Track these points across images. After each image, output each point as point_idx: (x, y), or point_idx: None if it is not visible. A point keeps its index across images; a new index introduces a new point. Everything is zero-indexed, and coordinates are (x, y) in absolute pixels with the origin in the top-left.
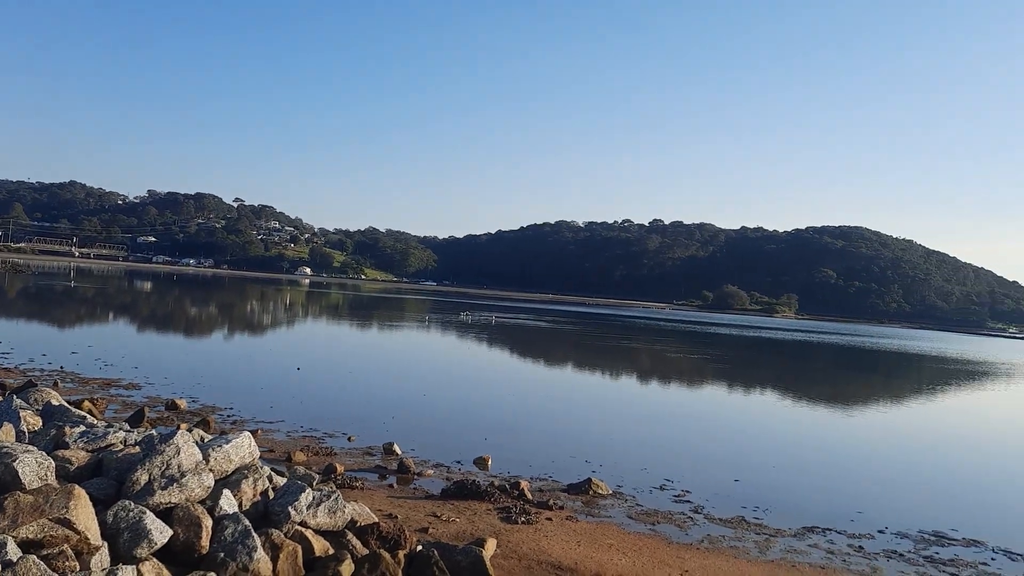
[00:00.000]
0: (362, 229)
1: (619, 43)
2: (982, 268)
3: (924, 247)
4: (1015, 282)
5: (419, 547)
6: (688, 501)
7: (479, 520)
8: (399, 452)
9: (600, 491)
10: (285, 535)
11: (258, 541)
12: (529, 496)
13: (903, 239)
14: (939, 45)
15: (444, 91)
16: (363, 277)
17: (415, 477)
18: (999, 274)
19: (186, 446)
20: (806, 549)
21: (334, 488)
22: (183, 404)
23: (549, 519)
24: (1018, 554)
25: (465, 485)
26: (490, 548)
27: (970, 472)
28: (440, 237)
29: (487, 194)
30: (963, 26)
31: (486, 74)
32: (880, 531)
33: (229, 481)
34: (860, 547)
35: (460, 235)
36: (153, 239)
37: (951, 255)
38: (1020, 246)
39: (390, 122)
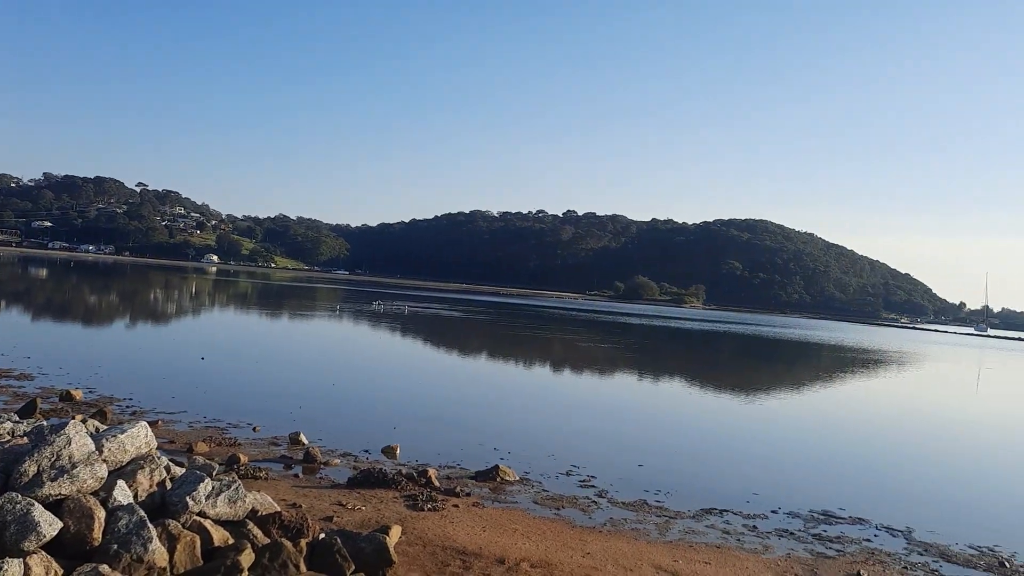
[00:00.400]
0: (272, 216)
1: (534, 33)
2: (877, 261)
3: (824, 240)
4: (907, 274)
5: (322, 535)
6: (593, 486)
7: (385, 508)
8: (305, 442)
9: (507, 478)
10: (183, 525)
11: (154, 532)
12: (436, 484)
13: (805, 232)
14: (837, 47)
15: (355, 78)
16: (273, 265)
17: (321, 467)
18: (893, 267)
19: (78, 436)
20: (704, 530)
21: (235, 478)
22: (79, 395)
23: (456, 506)
24: (898, 530)
25: (372, 474)
26: (395, 535)
27: (859, 454)
28: (353, 225)
29: (401, 182)
30: (860, 26)
31: (397, 62)
32: (773, 511)
33: (124, 472)
34: (754, 527)
35: (373, 223)
36: (49, 224)
37: (849, 248)
38: (912, 240)
39: (301, 108)
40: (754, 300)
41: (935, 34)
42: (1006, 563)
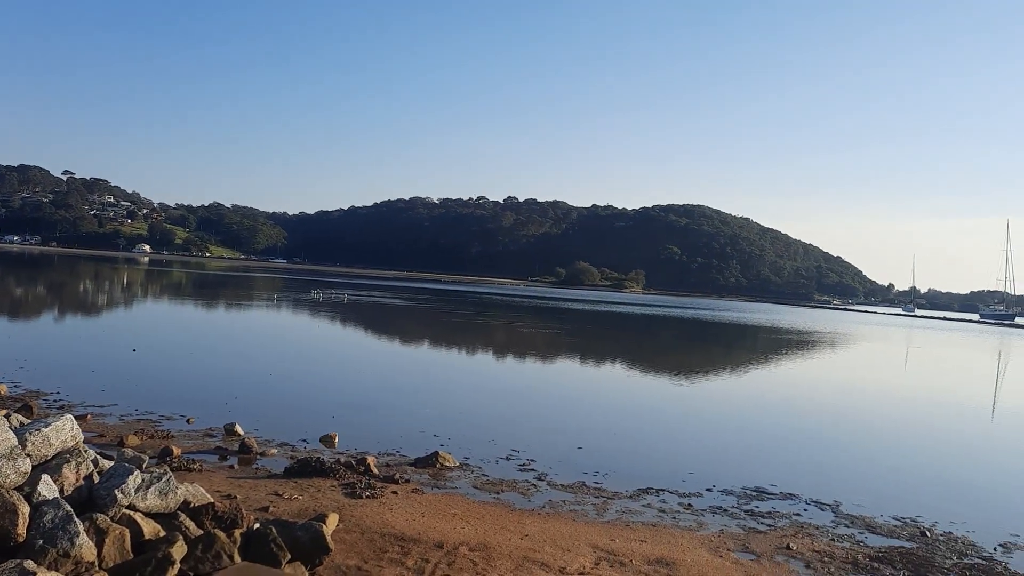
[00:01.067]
0: (206, 204)
1: (473, 18)
2: (811, 244)
3: (760, 225)
4: (839, 257)
5: (257, 525)
6: (533, 469)
7: (323, 497)
8: (241, 432)
9: (447, 463)
10: (112, 519)
11: (81, 526)
12: (375, 471)
13: (741, 217)
14: (770, 33)
15: (290, 63)
16: (208, 255)
17: (258, 457)
18: (825, 250)
19: None
20: (640, 509)
21: (166, 470)
22: (3, 389)
23: (395, 493)
24: (827, 504)
25: (309, 463)
26: (332, 523)
27: (791, 432)
28: (291, 213)
29: (340, 169)
30: (791, 8)
31: (333, 47)
32: (708, 489)
33: (49, 466)
34: (689, 505)
35: (311, 211)
36: None
37: (783, 232)
38: (843, 224)
39: (233, 94)
40: (693, 284)
41: (860, 19)
42: (927, 532)
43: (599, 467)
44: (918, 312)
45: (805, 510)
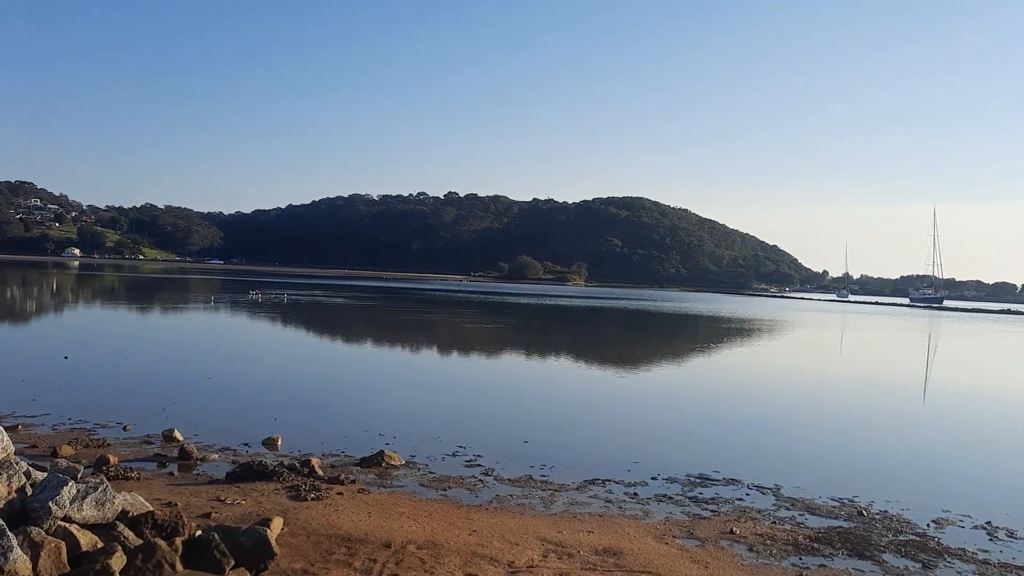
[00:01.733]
0: (138, 206)
1: (409, 13)
2: (747, 234)
3: (698, 216)
4: (775, 246)
5: (199, 532)
6: (479, 465)
7: (266, 501)
8: (180, 438)
9: (393, 462)
10: (47, 532)
11: (14, 541)
12: (320, 473)
13: (680, 208)
14: (704, 29)
15: (223, 61)
16: (141, 257)
17: (198, 463)
18: (762, 239)
19: None
20: (587, 500)
21: (103, 480)
22: None
23: (340, 494)
24: (768, 488)
25: (252, 467)
26: (276, 527)
27: (733, 418)
28: (226, 213)
29: (277, 167)
30: (735, 5)
31: (268, 45)
32: (653, 478)
33: None
34: (635, 494)
35: (248, 210)
36: None
37: (721, 222)
38: (778, 213)
39: (165, 93)
40: (634, 275)
41: (793, 8)
42: (864, 512)
43: (546, 460)
44: (852, 298)
45: (747, 495)
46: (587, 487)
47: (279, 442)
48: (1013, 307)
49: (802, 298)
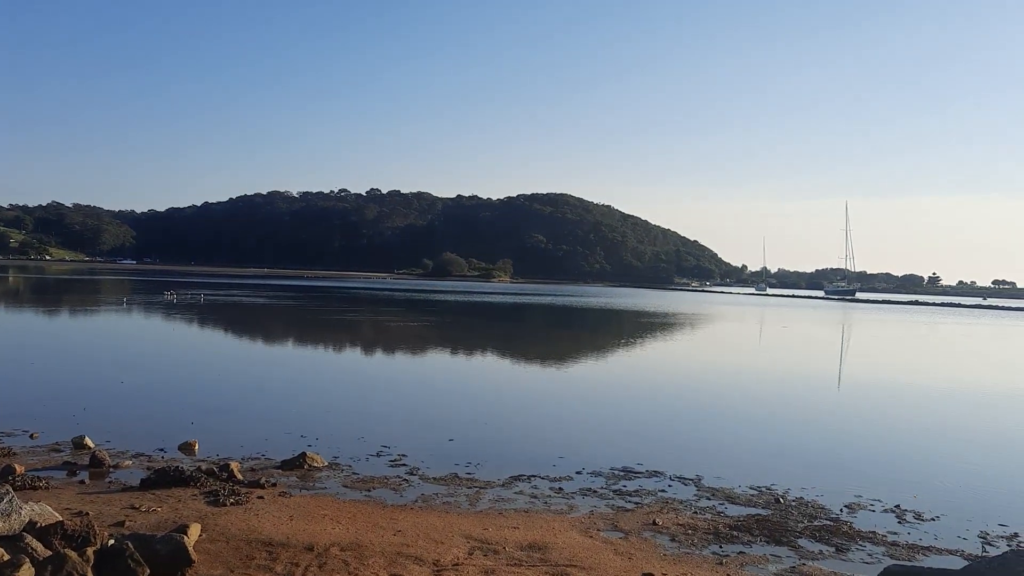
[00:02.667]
0: (44, 204)
1: (332, 9)
2: (669, 230)
3: (621, 212)
4: (695, 241)
5: (111, 541)
6: (404, 464)
7: (183, 507)
8: (92, 445)
9: (315, 464)
10: None
11: None
12: (239, 477)
13: (603, 205)
14: (629, 27)
15: (127, 51)
16: (48, 258)
17: (111, 470)
18: (683, 235)
19: None
20: (512, 497)
21: (8, 490)
22: None
23: (261, 497)
24: (689, 479)
25: (168, 473)
26: (194, 533)
27: (655, 411)
28: (139, 211)
29: (191, 164)
30: (646, 11)
31: (178, 36)
32: (578, 472)
33: None
34: (560, 489)
35: (161, 208)
36: None
37: (643, 218)
38: (698, 208)
39: (73, 86)
40: (559, 271)
41: (711, 13)
42: (781, 499)
43: (471, 458)
44: (770, 291)
45: (670, 486)
46: (513, 483)
47: (196, 446)
48: (920, 298)
49: (722, 292)
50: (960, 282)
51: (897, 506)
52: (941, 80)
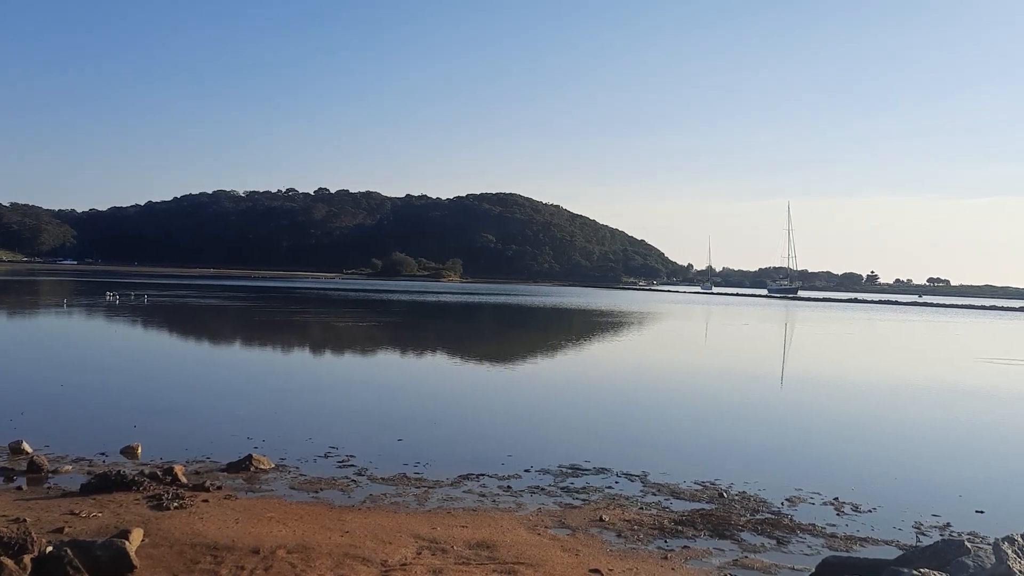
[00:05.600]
0: None
1: (269, 9)
2: (617, 229)
3: (570, 211)
4: (642, 241)
5: (50, 548)
6: (352, 465)
7: (125, 512)
8: (29, 450)
9: (262, 466)
10: None
11: None
12: (184, 480)
13: (552, 204)
14: (578, 25)
15: (72, 46)
16: None
17: (50, 475)
18: (630, 234)
19: None
20: (461, 496)
21: None
22: None
23: (206, 501)
24: (636, 475)
25: (109, 477)
26: (136, 539)
27: (603, 409)
28: (79, 210)
29: (133, 161)
30: (596, 13)
31: (119, 29)
32: (526, 470)
33: None
34: (508, 487)
35: (103, 208)
36: None
37: (591, 218)
38: (645, 208)
39: (7, 80)
40: (508, 271)
41: (661, 14)
42: (724, 494)
43: (420, 457)
44: (715, 290)
45: (616, 482)
46: (461, 482)
47: (139, 450)
48: (859, 296)
49: (669, 291)
50: (897, 280)
51: (836, 499)
52: (880, 83)
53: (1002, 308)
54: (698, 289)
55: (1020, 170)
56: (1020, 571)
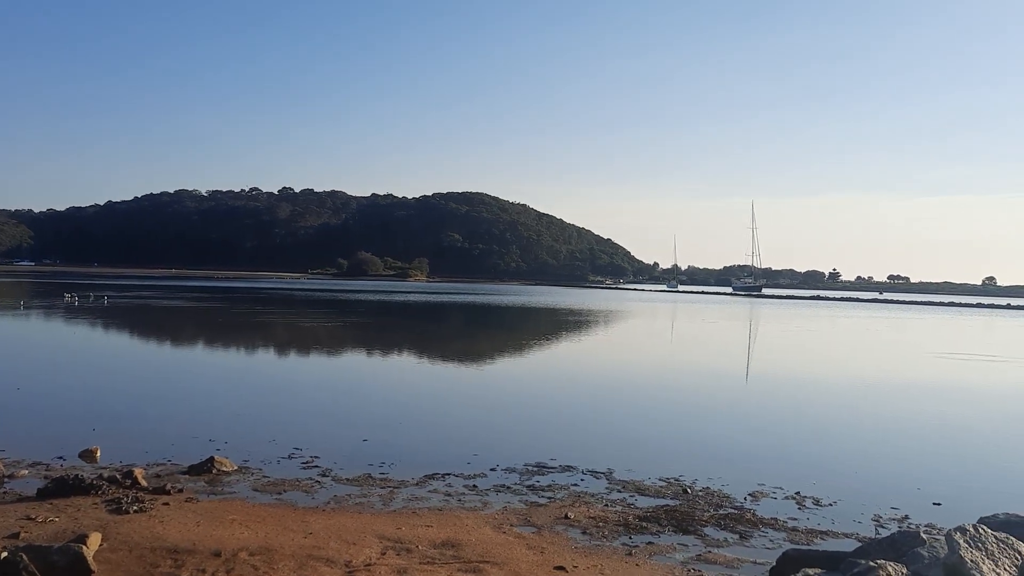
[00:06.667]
0: None
1: (232, 7)
2: (583, 228)
3: (536, 211)
4: (609, 239)
5: (4, 554)
6: (317, 466)
7: (83, 516)
8: None
9: (224, 468)
10: None
11: None
12: (144, 483)
13: (519, 204)
14: (541, 25)
15: (28, 40)
16: None
17: (6, 480)
18: (597, 233)
19: None
20: (427, 495)
21: None
22: None
23: (166, 504)
24: (601, 473)
25: (66, 481)
26: (94, 543)
27: (568, 407)
28: (36, 210)
29: (92, 161)
30: (561, 8)
31: (76, 24)
32: (492, 469)
33: None
34: (474, 486)
35: (61, 208)
36: None
37: (558, 217)
38: (611, 207)
39: None
40: (475, 270)
41: (625, 11)
42: (688, 489)
43: (385, 458)
44: (681, 288)
45: (582, 480)
46: (427, 482)
47: (98, 453)
48: (822, 293)
49: (635, 289)
50: (858, 277)
51: (797, 493)
52: (842, 86)
53: (960, 304)
54: (664, 287)
55: (974, 170)
56: (971, 560)
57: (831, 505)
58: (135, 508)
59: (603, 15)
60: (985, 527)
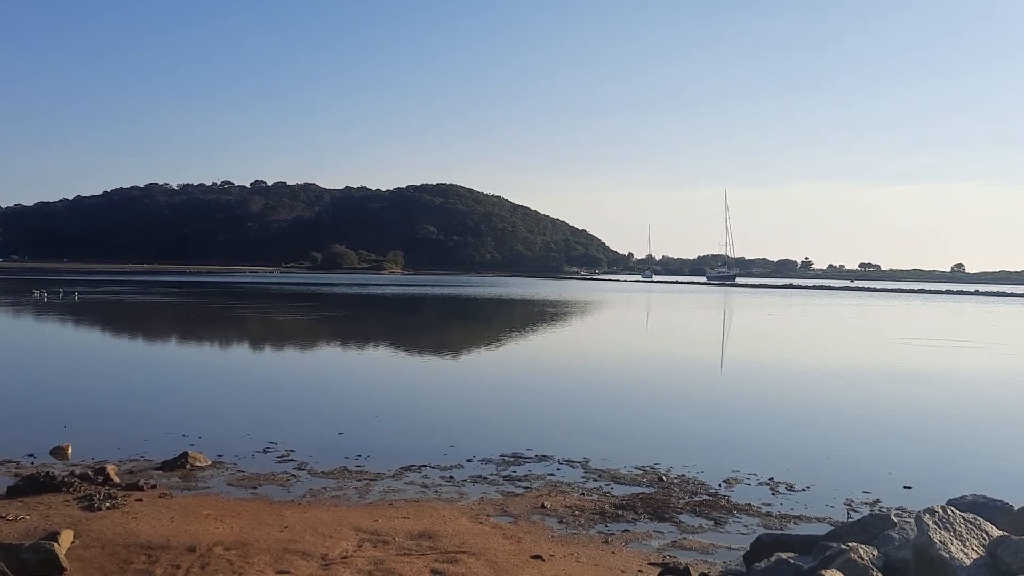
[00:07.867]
0: None
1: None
2: (558, 219)
3: (511, 202)
4: (583, 230)
5: None
6: (292, 460)
7: (55, 514)
8: None
9: (198, 463)
10: None
11: None
12: (116, 480)
13: (493, 195)
14: (510, 17)
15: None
16: None
17: None
18: (571, 224)
19: None
20: (403, 487)
21: None
22: None
23: (140, 500)
24: (577, 462)
25: (37, 479)
26: (66, 540)
27: (544, 397)
28: (4, 206)
29: (60, 154)
30: (537, 3)
31: (44, 15)
32: (468, 460)
33: None
34: (451, 477)
35: (29, 203)
36: None
37: (533, 208)
38: (586, 198)
39: None
40: (450, 262)
41: (603, 2)
42: (664, 477)
43: (361, 450)
44: (655, 278)
45: (558, 469)
46: (403, 474)
47: (69, 450)
48: (795, 282)
49: (610, 279)
50: (830, 266)
51: (771, 479)
52: (812, 75)
53: (929, 291)
54: (639, 277)
55: (944, 159)
56: (940, 540)
57: (804, 490)
58: (108, 505)
59: (577, 7)
60: (954, 508)
